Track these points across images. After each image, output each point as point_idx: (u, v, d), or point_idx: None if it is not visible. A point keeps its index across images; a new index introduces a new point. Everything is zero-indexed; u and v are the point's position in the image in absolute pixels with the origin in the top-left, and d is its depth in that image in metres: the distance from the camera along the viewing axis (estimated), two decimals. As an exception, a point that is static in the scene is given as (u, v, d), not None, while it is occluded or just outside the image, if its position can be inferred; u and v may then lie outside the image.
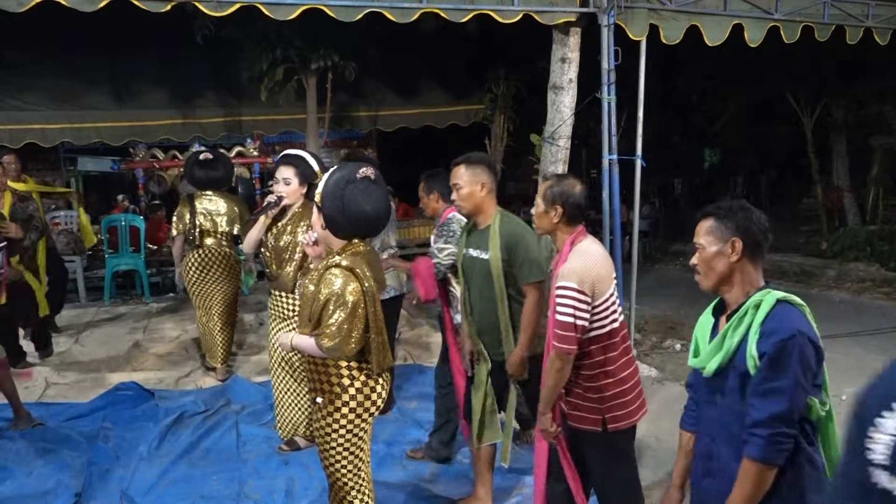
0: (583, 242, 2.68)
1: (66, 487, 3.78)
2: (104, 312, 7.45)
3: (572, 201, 2.68)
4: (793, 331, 1.86)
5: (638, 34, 5.39)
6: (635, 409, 2.68)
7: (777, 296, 1.95)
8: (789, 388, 1.85)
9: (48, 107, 8.18)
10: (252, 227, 4.14)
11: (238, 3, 4.55)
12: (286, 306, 4.06)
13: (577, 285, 2.52)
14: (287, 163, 3.95)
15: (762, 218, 2.03)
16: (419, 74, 9.55)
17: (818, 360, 1.92)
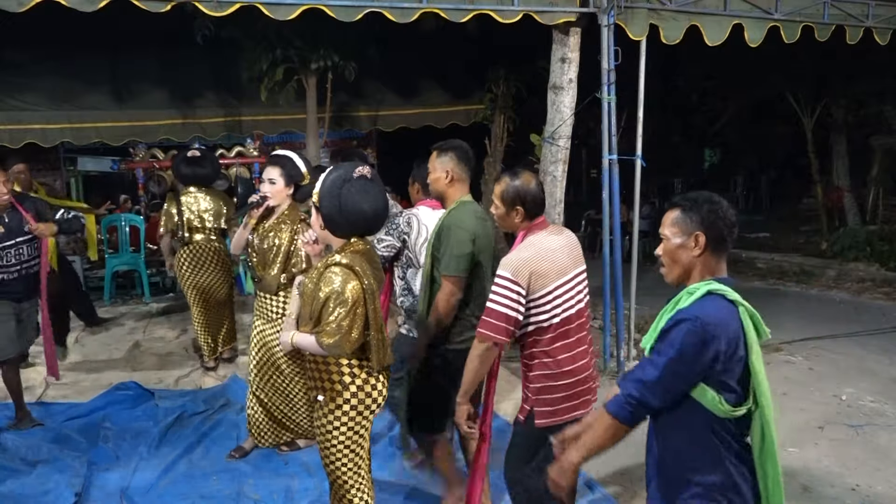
0: (536, 235, 2.67)
1: (65, 487, 3.78)
2: (104, 312, 7.45)
3: (531, 198, 2.68)
4: (692, 315, 1.89)
5: (638, 34, 5.38)
6: (563, 410, 2.63)
7: (712, 287, 1.96)
8: (662, 364, 1.90)
9: (48, 107, 8.17)
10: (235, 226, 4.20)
11: (238, 2, 4.55)
12: (272, 308, 4.00)
13: (512, 276, 2.54)
14: (273, 163, 3.91)
15: (729, 212, 2.01)
16: (419, 74, 9.54)
17: (714, 352, 1.85)
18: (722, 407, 1.90)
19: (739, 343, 1.91)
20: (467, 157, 3.31)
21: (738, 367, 1.90)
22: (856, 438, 4.36)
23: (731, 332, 1.89)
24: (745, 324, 1.91)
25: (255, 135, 9.59)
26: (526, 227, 2.69)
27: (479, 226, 3.17)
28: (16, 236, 4.27)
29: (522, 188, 2.67)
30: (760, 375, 1.90)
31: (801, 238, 11.89)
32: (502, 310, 2.51)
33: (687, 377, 1.90)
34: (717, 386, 1.90)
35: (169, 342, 6.53)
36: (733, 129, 15.04)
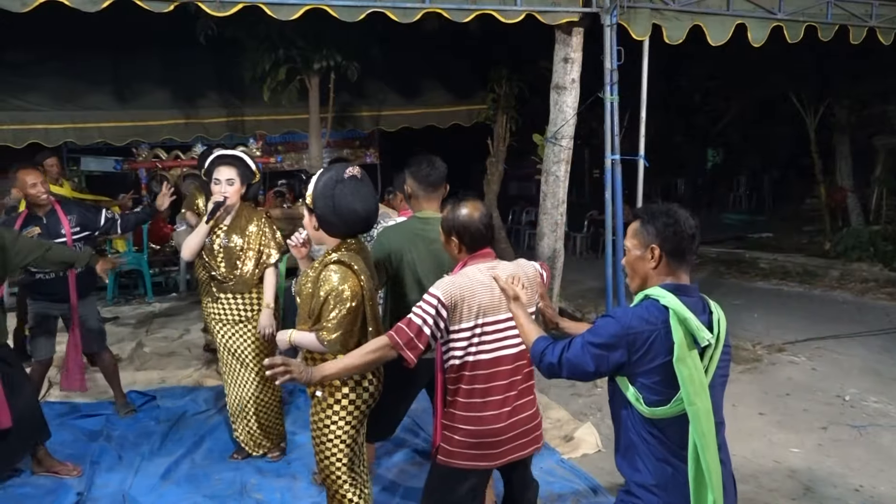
0: (474, 266, 2.52)
1: (68, 487, 3.79)
2: (107, 312, 7.46)
3: (470, 232, 2.52)
4: (616, 314, 2.02)
5: (641, 34, 5.38)
6: (462, 455, 2.50)
7: (651, 293, 2.01)
8: (579, 339, 2.04)
9: (51, 107, 8.18)
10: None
11: (241, 3, 4.55)
12: (240, 308, 3.93)
13: (440, 294, 2.41)
14: (229, 163, 3.89)
15: (687, 224, 2.02)
16: (421, 74, 9.54)
17: (622, 352, 1.96)
18: (639, 405, 1.99)
19: (657, 347, 1.95)
20: (422, 174, 3.25)
21: (657, 369, 1.96)
22: (859, 439, 4.35)
23: (646, 336, 1.95)
24: (673, 329, 1.93)
25: (257, 135, 9.59)
26: (464, 258, 2.56)
27: (403, 241, 3.15)
28: (53, 237, 4.29)
29: (461, 220, 2.52)
30: (687, 380, 1.92)
31: (804, 238, 11.85)
32: (417, 321, 2.38)
33: (597, 359, 1.99)
34: (636, 384, 2.00)
35: (172, 342, 6.54)
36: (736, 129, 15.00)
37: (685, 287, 2.02)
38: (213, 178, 3.88)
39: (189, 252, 3.97)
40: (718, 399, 2.03)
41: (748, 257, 10.57)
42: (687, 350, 1.92)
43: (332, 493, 2.86)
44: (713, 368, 1.97)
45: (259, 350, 3.97)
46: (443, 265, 3.22)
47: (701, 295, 2.07)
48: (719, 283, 9.03)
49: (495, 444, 2.51)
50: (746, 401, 4.94)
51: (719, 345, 1.99)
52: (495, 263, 2.56)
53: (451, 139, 10.10)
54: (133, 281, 8.60)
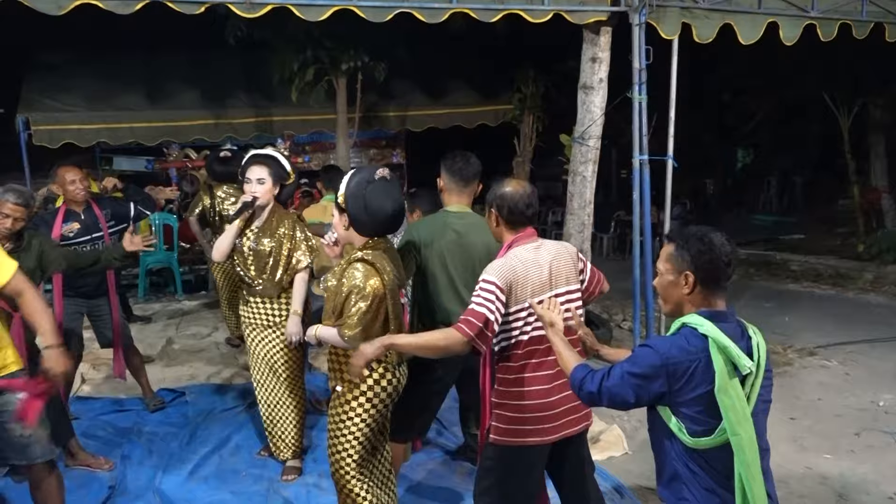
0: (520, 247, 2.59)
1: (100, 480, 3.87)
2: (138, 309, 7.58)
3: (508, 205, 2.60)
4: (655, 344, 1.98)
5: (670, 33, 5.32)
6: (518, 432, 2.57)
7: (688, 321, 1.97)
8: (618, 369, 2.00)
9: (85, 107, 8.33)
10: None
11: (270, 4, 4.60)
12: (271, 313, 3.86)
13: (495, 279, 2.48)
14: (260, 162, 3.78)
15: (723, 249, 1.98)
16: (448, 74, 9.54)
17: (661, 383, 1.93)
18: (682, 435, 1.96)
19: (698, 377, 1.91)
20: (456, 167, 3.35)
21: (699, 399, 1.92)
22: (893, 445, 4.26)
23: (686, 366, 1.91)
24: (713, 358, 1.89)
25: (285, 135, 9.68)
26: (510, 238, 2.63)
27: (433, 233, 3.22)
28: (91, 233, 4.38)
29: (501, 192, 2.62)
30: (729, 410, 1.88)
31: (836, 240, 11.62)
32: (480, 309, 2.43)
33: (637, 390, 1.96)
34: (677, 413, 1.96)
35: (201, 339, 6.63)
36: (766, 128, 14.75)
37: (722, 314, 1.99)
38: (245, 178, 3.78)
39: (219, 253, 3.84)
40: (762, 426, 1.99)
41: (779, 259, 10.41)
42: (728, 379, 1.89)
43: (341, 489, 2.92)
44: (755, 395, 1.94)
45: (288, 356, 3.88)
46: (472, 258, 3.26)
47: (739, 319, 2.03)
48: (749, 285, 8.90)
49: (548, 419, 2.58)
50: (777, 405, 4.81)
51: (760, 370, 1.94)
52: (540, 243, 2.62)
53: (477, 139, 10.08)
54: (164, 279, 8.73)
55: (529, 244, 2.59)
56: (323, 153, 10.26)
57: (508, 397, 2.57)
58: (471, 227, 3.33)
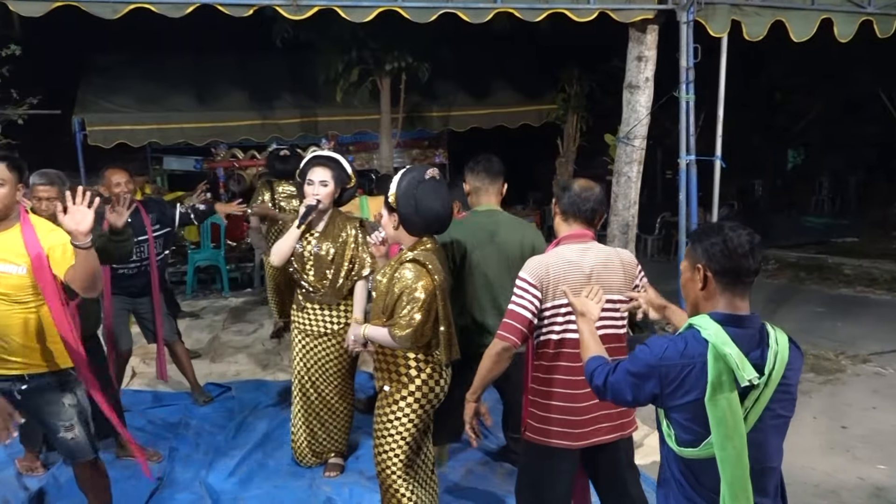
0: (567, 246, 2.55)
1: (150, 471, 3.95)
2: (186, 305, 7.75)
3: (569, 196, 2.58)
4: (651, 339, 1.92)
5: (719, 31, 5.22)
6: (552, 433, 2.56)
7: (696, 321, 1.86)
8: (622, 365, 1.95)
9: (137, 108, 8.58)
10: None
11: (316, 6, 4.66)
12: (329, 320, 3.72)
13: (529, 277, 2.48)
14: (323, 164, 3.64)
15: (739, 240, 1.83)
16: (491, 74, 9.54)
17: (653, 384, 1.86)
18: (670, 441, 1.88)
19: (690, 382, 1.80)
20: (481, 166, 3.37)
21: (689, 406, 1.81)
22: (952, 457, 4.09)
23: (679, 369, 1.82)
24: (709, 365, 1.77)
25: (329, 135, 9.79)
26: (561, 234, 2.60)
27: (467, 234, 3.24)
28: (137, 235, 4.50)
29: (566, 186, 2.62)
30: (718, 422, 1.76)
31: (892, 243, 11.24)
32: (518, 310, 2.46)
33: (632, 386, 1.91)
34: (669, 418, 1.89)
35: (247, 335, 6.74)
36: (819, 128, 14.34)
37: (738, 317, 1.84)
38: (307, 180, 3.62)
39: (279, 257, 3.66)
40: (770, 443, 1.85)
41: (831, 263, 10.10)
42: (721, 389, 1.75)
43: (386, 489, 2.93)
44: (759, 410, 1.79)
45: (343, 363, 3.79)
46: (506, 255, 3.25)
47: (764, 326, 1.88)
48: (799, 289, 8.66)
49: (574, 424, 2.54)
50: (828, 413, 4.73)
51: (772, 383, 1.79)
52: (589, 246, 2.57)
53: (520, 139, 10.05)
54: (210, 276, 8.91)
55: (577, 245, 2.56)
56: (366, 153, 10.36)
57: (538, 395, 2.59)
58: (502, 225, 3.33)
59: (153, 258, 4.58)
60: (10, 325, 2.80)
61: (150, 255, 4.57)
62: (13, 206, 2.79)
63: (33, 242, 2.77)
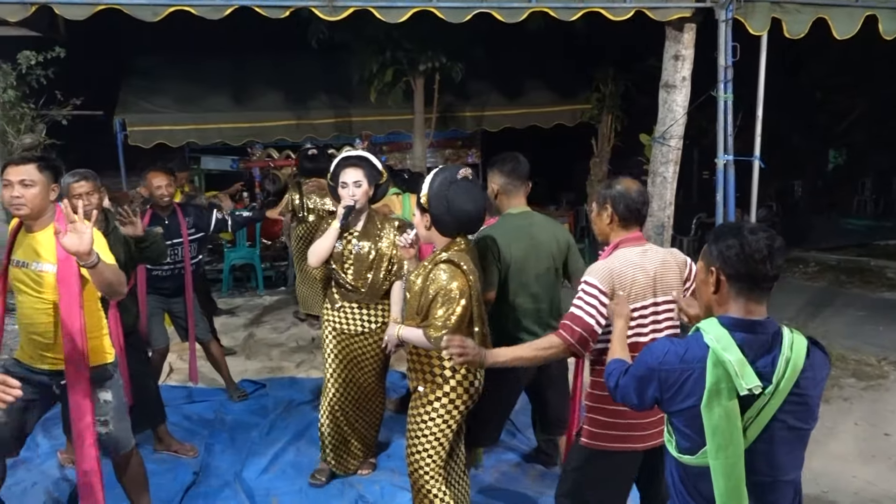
0: (627, 249, 2.52)
1: (186, 466, 4.05)
2: (222, 303, 7.86)
3: (625, 202, 2.52)
4: (654, 347, 1.89)
5: (758, 29, 5.12)
6: (610, 437, 2.53)
7: (702, 325, 1.81)
8: (631, 371, 1.94)
9: (176, 109, 8.74)
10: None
11: (352, 6, 4.69)
12: (363, 320, 3.70)
13: (598, 283, 2.42)
14: (355, 164, 3.63)
15: (758, 244, 1.74)
16: (525, 74, 9.50)
17: (653, 388, 1.83)
18: (670, 447, 1.85)
19: (688, 388, 1.75)
20: (510, 168, 3.33)
21: (686, 413, 1.77)
22: None
23: (678, 374, 1.77)
24: (708, 371, 1.71)
25: (363, 135, 9.85)
26: (618, 237, 2.56)
27: (506, 236, 3.18)
28: (172, 238, 4.60)
29: (618, 190, 2.55)
30: (713, 430, 1.71)
31: (939, 247, 10.92)
32: (583, 316, 2.40)
33: (638, 394, 1.90)
34: (670, 423, 1.85)
35: (281, 333, 6.83)
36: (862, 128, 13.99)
37: (749, 322, 1.76)
38: (340, 182, 3.62)
39: (317, 258, 3.63)
40: (780, 454, 1.77)
41: (873, 266, 9.84)
42: (719, 397, 1.69)
43: (419, 489, 2.93)
44: (765, 419, 1.72)
45: (378, 363, 3.79)
46: (544, 255, 3.23)
47: (779, 331, 1.79)
48: (840, 292, 8.46)
49: (642, 427, 2.53)
50: (870, 419, 4.60)
51: (780, 392, 1.71)
52: (647, 247, 2.56)
53: (553, 139, 9.99)
54: (246, 274, 9.03)
55: (636, 247, 2.54)
56: (399, 153, 10.40)
57: (607, 401, 2.49)
58: (538, 227, 3.32)
59: (188, 261, 4.66)
60: (49, 321, 2.88)
61: (184, 258, 4.65)
62: (47, 206, 2.87)
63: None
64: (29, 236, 2.87)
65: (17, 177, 2.77)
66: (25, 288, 2.88)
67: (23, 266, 2.87)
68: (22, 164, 2.80)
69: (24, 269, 2.87)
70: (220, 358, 5.10)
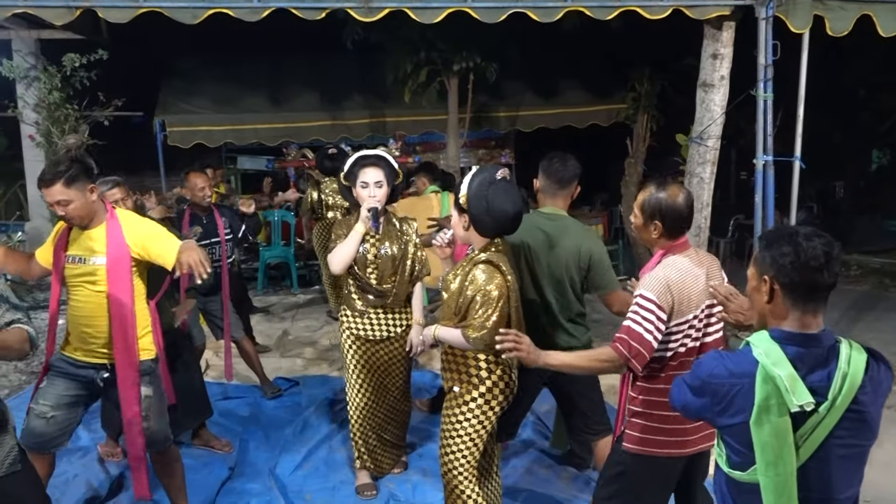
0: (677, 256, 2.47)
1: (221, 461, 4.11)
2: (257, 301, 7.96)
3: (673, 215, 2.45)
4: (706, 355, 1.87)
5: (800, 27, 5.02)
6: (653, 442, 2.49)
7: (753, 338, 1.74)
8: (686, 383, 1.86)
9: (213, 110, 8.88)
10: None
11: (387, 7, 4.71)
12: (389, 324, 3.60)
13: (656, 298, 2.35)
14: (374, 164, 3.50)
15: (814, 252, 1.65)
16: (559, 74, 9.44)
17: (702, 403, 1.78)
18: (721, 461, 1.80)
19: (739, 403, 1.69)
20: (553, 169, 3.29)
21: (737, 428, 1.71)
22: None
23: (727, 388, 1.71)
24: (757, 386, 1.65)
25: (397, 135, 9.89)
26: (665, 245, 2.50)
27: (524, 233, 3.10)
28: (210, 237, 4.68)
29: (665, 202, 2.45)
30: (762, 447, 1.65)
31: None
32: (642, 332, 2.32)
33: (694, 405, 1.84)
34: (721, 437, 1.80)
35: (314, 331, 6.89)
36: (907, 127, 13.61)
37: (803, 336, 1.69)
38: (360, 182, 3.49)
39: (342, 264, 3.49)
40: (836, 473, 1.69)
41: (919, 271, 9.58)
42: (768, 413, 1.63)
43: (451, 490, 2.93)
44: (820, 437, 1.65)
45: (403, 367, 3.74)
46: (561, 262, 3.18)
47: (836, 344, 1.71)
48: (884, 296, 8.24)
49: (688, 432, 2.49)
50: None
51: (836, 408, 1.64)
52: (695, 251, 2.54)
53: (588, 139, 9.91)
54: (280, 273, 9.14)
55: (687, 253, 2.51)
56: (433, 153, 10.42)
57: (654, 407, 2.48)
58: (562, 231, 3.24)
59: (225, 260, 4.74)
60: (103, 314, 2.96)
61: (221, 257, 4.73)
62: (93, 208, 2.95)
63: (117, 237, 2.94)
64: (83, 233, 2.97)
65: (52, 199, 2.87)
66: (82, 282, 2.97)
67: (79, 262, 2.97)
68: (50, 186, 2.84)
69: (80, 265, 2.97)
70: (253, 355, 5.17)
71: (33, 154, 7.60)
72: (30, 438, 2.95)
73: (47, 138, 7.23)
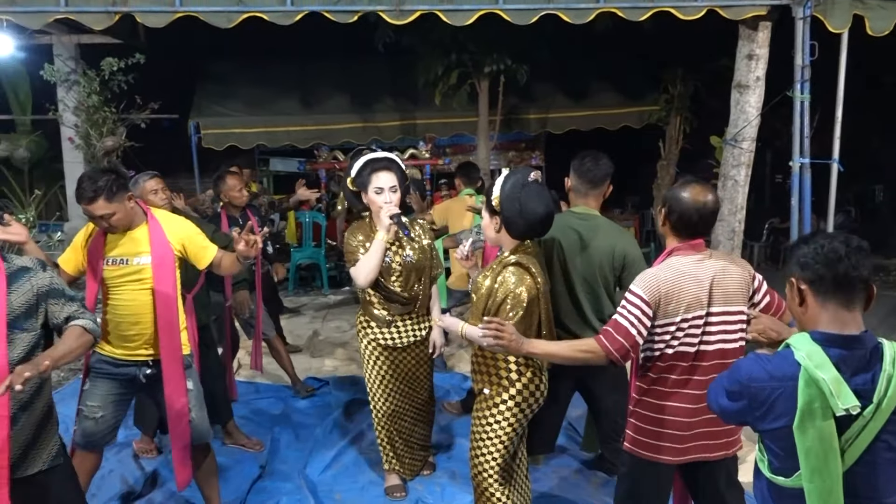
0: (680, 257, 2.42)
1: (252, 459, 4.16)
2: (288, 302, 8.05)
3: (679, 211, 2.41)
4: (745, 362, 1.80)
5: (839, 27, 4.92)
6: (651, 446, 2.49)
7: (792, 341, 1.72)
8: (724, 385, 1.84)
9: (246, 112, 9.00)
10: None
11: (418, 10, 4.73)
12: (414, 330, 3.58)
13: (643, 293, 2.36)
14: (386, 168, 3.39)
15: (832, 245, 1.67)
16: (590, 76, 9.38)
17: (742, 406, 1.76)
18: (763, 467, 1.77)
19: (780, 407, 1.66)
20: (584, 169, 3.30)
21: (778, 433, 1.69)
22: None
23: (768, 392, 1.68)
24: (800, 390, 1.62)
25: (427, 137, 9.91)
26: (675, 244, 2.47)
27: (555, 232, 3.08)
28: None
29: (678, 199, 2.42)
30: (806, 453, 1.62)
31: None
32: (625, 325, 2.35)
33: (733, 409, 1.82)
34: (763, 441, 1.77)
35: (344, 332, 6.93)
36: (949, 129, 13.25)
37: (844, 337, 1.67)
38: (373, 188, 3.37)
39: (368, 277, 3.38)
40: (882, 477, 1.67)
41: (961, 275, 9.32)
42: (812, 417, 1.61)
43: (481, 492, 2.92)
44: (866, 441, 1.63)
45: (428, 369, 3.73)
46: (594, 262, 3.17)
47: (879, 346, 1.70)
48: (923, 302, 8.03)
49: (680, 439, 2.46)
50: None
51: (883, 412, 1.62)
52: (706, 255, 2.47)
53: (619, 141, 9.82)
54: (311, 274, 9.22)
55: (692, 256, 2.44)
56: (463, 155, 10.41)
57: (643, 407, 2.52)
58: (594, 230, 3.23)
59: (259, 259, 4.80)
60: (149, 311, 3.04)
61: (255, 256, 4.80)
62: (132, 215, 3.04)
63: (159, 236, 3.05)
64: (124, 235, 3.05)
65: (95, 214, 2.95)
66: (125, 282, 3.05)
67: (122, 263, 3.04)
68: (92, 203, 2.91)
69: (123, 265, 3.04)
70: (284, 355, 5.22)
71: (73, 156, 7.78)
72: (83, 438, 3.07)
73: (86, 141, 7.38)
